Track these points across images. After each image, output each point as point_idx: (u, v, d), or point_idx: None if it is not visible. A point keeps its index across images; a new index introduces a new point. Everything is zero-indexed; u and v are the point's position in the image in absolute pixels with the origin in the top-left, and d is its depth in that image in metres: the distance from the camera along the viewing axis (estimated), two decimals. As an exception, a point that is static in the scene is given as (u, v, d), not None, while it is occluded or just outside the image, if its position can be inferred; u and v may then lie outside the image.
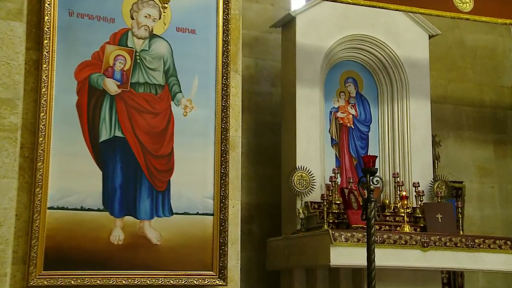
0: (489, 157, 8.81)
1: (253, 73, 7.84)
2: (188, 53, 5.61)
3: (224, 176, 5.52)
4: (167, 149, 5.43)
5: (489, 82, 9.02)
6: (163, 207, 5.33)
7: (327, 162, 7.09)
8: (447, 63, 8.82)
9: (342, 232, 5.85)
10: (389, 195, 7.09)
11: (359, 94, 7.48)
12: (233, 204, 5.53)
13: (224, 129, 5.58)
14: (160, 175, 5.37)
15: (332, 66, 7.35)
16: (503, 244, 6.35)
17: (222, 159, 5.53)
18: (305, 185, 6.61)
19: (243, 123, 6.02)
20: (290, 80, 7.03)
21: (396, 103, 7.39)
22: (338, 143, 7.28)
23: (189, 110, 5.53)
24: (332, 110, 7.33)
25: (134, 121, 5.36)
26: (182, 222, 5.34)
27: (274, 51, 7.85)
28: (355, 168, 7.25)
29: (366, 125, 7.43)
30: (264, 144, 7.75)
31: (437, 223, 6.65)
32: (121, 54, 5.41)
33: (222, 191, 5.49)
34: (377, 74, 7.51)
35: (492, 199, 8.76)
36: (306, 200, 6.62)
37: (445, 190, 7.16)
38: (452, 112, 8.77)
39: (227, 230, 5.42)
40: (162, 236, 5.27)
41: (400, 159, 7.28)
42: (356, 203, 6.43)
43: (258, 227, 7.49)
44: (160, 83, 5.50)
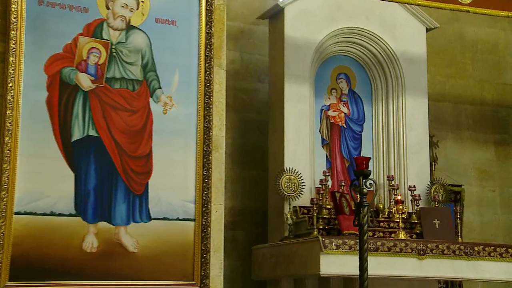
0: (490, 159, 8.86)
1: (238, 68, 7.83)
2: (168, 46, 5.61)
3: (207, 178, 5.51)
4: (145, 150, 5.42)
5: (491, 78, 9.08)
6: (140, 212, 5.32)
7: (317, 164, 7.09)
8: (446, 58, 8.87)
9: (333, 239, 5.86)
10: (383, 199, 7.11)
11: (352, 91, 7.49)
12: (216, 209, 5.53)
13: (207, 128, 5.58)
14: (138, 177, 5.36)
15: (323, 61, 7.36)
16: (504, 252, 6.39)
17: (205, 160, 5.53)
18: (294, 189, 6.62)
19: (227, 121, 6.01)
20: (278, 75, 7.03)
21: (391, 101, 7.41)
22: (329, 144, 7.29)
23: (169, 107, 5.52)
24: (322, 108, 7.34)
25: (110, 119, 5.34)
26: (161, 228, 5.33)
27: (261, 44, 7.84)
28: (347, 170, 7.27)
29: (359, 124, 7.45)
30: (249, 144, 7.74)
31: (434, 230, 6.68)
32: (96, 46, 5.40)
33: (204, 194, 5.48)
34: (371, 70, 7.52)
35: (492, 204, 8.81)
36: (295, 205, 6.62)
37: (443, 194, 7.19)
38: (451, 111, 8.81)
39: (209, 236, 5.42)
40: (139, 243, 5.26)
41: (395, 161, 7.30)
42: (348, 208, 6.44)
43: (243, 233, 7.48)
44: (137, 79, 5.48)
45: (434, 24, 7.60)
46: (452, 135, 8.73)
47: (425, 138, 7.43)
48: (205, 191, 5.49)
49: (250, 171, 7.67)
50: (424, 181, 7.23)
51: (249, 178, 7.63)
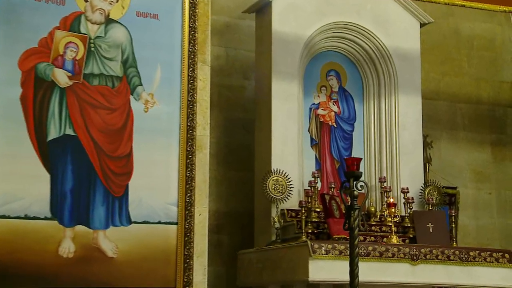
0: (486, 160, 8.91)
1: (224, 64, 7.83)
2: (149, 41, 5.60)
3: (190, 180, 5.51)
4: (125, 150, 5.41)
5: (487, 76, 9.13)
6: (120, 215, 5.31)
7: (306, 165, 7.10)
8: (441, 55, 8.91)
9: (322, 244, 5.87)
10: (375, 202, 7.13)
11: (342, 88, 7.51)
12: (199, 212, 5.53)
13: (190, 127, 5.58)
14: (117, 178, 5.35)
15: (312, 57, 7.37)
16: (501, 257, 6.42)
17: (188, 161, 5.53)
18: (281, 191, 6.62)
19: (211, 120, 6.01)
20: (265, 72, 7.04)
21: (384, 99, 7.43)
22: (318, 144, 7.30)
23: (150, 105, 5.52)
24: (312, 106, 7.35)
25: (88, 118, 5.33)
26: (142, 232, 5.32)
27: (247, 39, 7.84)
28: (337, 171, 7.28)
29: (350, 124, 7.47)
30: (235, 144, 7.74)
31: (428, 234, 6.71)
32: (73, 41, 5.38)
33: (187, 197, 5.48)
34: (363, 67, 7.55)
35: (489, 207, 8.85)
36: (282, 208, 6.62)
37: (437, 196, 7.22)
38: (445, 110, 8.86)
39: (192, 241, 5.41)
40: (119, 248, 5.25)
41: (388, 162, 7.33)
42: (338, 211, 6.45)
43: (228, 238, 7.48)
44: (117, 75, 5.47)
45: (428, 19, 7.63)
46: (447, 135, 8.77)
47: (418, 138, 7.45)
48: (188, 193, 5.48)
49: (236, 172, 7.67)
50: (418, 183, 7.25)
51: (234, 180, 7.63)
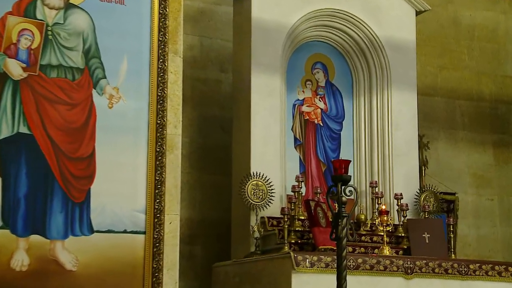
0: (488, 162, 8.97)
1: (197, 55, 7.82)
2: (114, 28, 5.58)
3: (160, 184, 5.50)
4: (87, 150, 5.39)
5: (489, 70, 9.19)
6: (80, 224, 5.28)
7: (289, 168, 7.11)
8: (438, 47, 8.96)
9: (306, 255, 5.88)
10: (366, 209, 7.16)
11: (330, 83, 7.53)
12: (170, 220, 5.51)
13: (160, 125, 5.56)
14: (78, 182, 5.32)
15: (296, 48, 7.38)
16: (504, 270, 6.47)
17: (157, 163, 5.51)
18: (262, 197, 6.62)
19: (184, 118, 6.00)
20: (244, 65, 7.03)
21: (375, 95, 7.46)
22: (303, 144, 7.31)
23: (115, 100, 5.50)
24: (295, 103, 7.36)
25: (45, 114, 5.30)
26: (105, 243, 5.30)
27: (223, 27, 7.84)
28: (324, 175, 7.30)
29: (338, 122, 7.49)
30: (210, 145, 7.73)
31: (423, 245, 6.74)
32: (28, 28, 5.34)
33: (156, 203, 5.46)
34: (352, 59, 7.57)
35: (491, 215, 8.91)
36: (263, 215, 6.62)
37: (434, 203, 7.26)
38: (443, 107, 8.91)
39: (162, 252, 5.40)
40: (79, 260, 5.22)
41: (379, 165, 7.35)
42: (325, 219, 6.47)
43: (202, 249, 7.47)
44: (78, 66, 5.45)
45: (425, 6, 7.68)
46: (445, 135, 8.82)
47: (413, 138, 7.49)
48: (157, 199, 5.47)
49: (211, 176, 7.66)
50: (413, 188, 7.29)
51: (209, 184, 7.62)
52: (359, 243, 6.71)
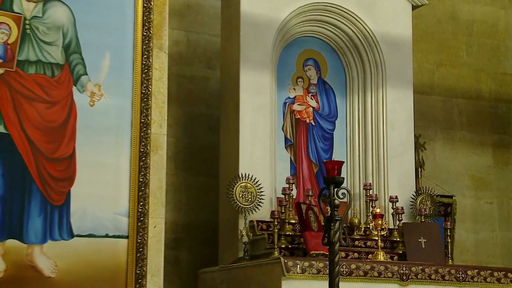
0: (487, 164, 9.00)
1: (184, 51, 7.81)
2: (96, 23, 5.56)
3: (144, 186, 5.49)
4: (67, 151, 5.37)
5: (488, 67, 9.22)
6: (60, 228, 5.27)
7: (280, 169, 7.11)
8: (435, 43, 8.98)
9: (297, 261, 5.88)
10: (359, 212, 7.17)
11: (322, 81, 7.54)
12: (154, 224, 5.51)
13: (144, 125, 5.55)
14: (57, 184, 5.30)
15: (287, 44, 7.39)
16: (503, 277, 6.49)
17: (141, 164, 5.51)
18: (250, 199, 6.62)
19: (169, 116, 6.00)
20: (232, 61, 7.03)
21: (370, 93, 7.47)
22: (293, 145, 7.32)
23: (97, 98, 5.48)
24: (286, 101, 7.37)
25: (22, 112, 5.28)
26: (86, 248, 5.29)
27: (211, 22, 7.83)
28: (316, 177, 7.31)
29: (331, 122, 7.50)
30: (197, 145, 7.72)
31: (419, 250, 6.75)
32: (4, 22, 5.33)
33: (140, 206, 5.46)
34: (346, 55, 7.58)
35: (490, 219, 8.94)
36: (252, 219, 6.62)
37: (430, 206, 7.28)
38: (441, 106, 8.93)
39: (146, 257, 5.39)
40: (58, 266, 5.21)
41: (374, 166, 7.36)
42: (316, 223, 6.47)
43: (188, 254, 7.46)
44: (58, 62, 5.43)
45: (422, 0, 7.69)
46: (442, 136, 8.84)
47: (409, 138, 7.50)
48: (141, 201, 5.46)
49: (197, 177, 7.65)
50: (408, 191, 7.30)
51: (195, 186, 7.62)
52: (353, 248, 6.72)
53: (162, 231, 5.57)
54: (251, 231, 6.59)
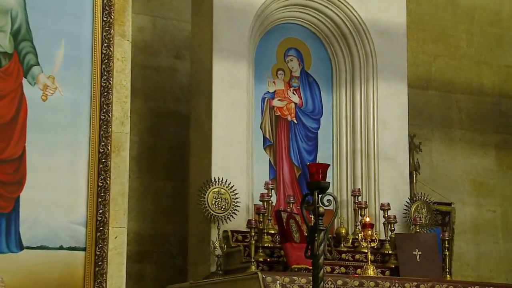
0: (489, 167, 9.05)
1: (149, 39, 7.80)
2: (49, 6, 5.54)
3: (103, 191, 5.48)
4: (16, 151, 5.35)
5: (491, 59, 9.26)
6: (7, 238, 5.25)
7: (257, 173, 7.11)
8: (433, 31, 9.02)
9: (277, 276, 5.88)
10: (347, 222, 7.19)
11: (306, 73, 7.55)
12: (115, 234, 5.50)
13: (104, 122, 5.54)
14: (4, 189, 5.28)
15: (267, 32, 7.39)
16: (507, 293, 6.55)
17: (101, 166, 5.50)
18: (224, 207, 6.63)
19: (132, 113, 5.98)
20: (204, 51, 7.03)
21: (359, 88, 7.50)
22: (273, 145, 7.32)
23: (50, 92, 5.47)
24: (265, 96, 7.37)
25: (-35, 107, 5.28)
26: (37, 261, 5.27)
27: (180, 6, 7.82)
28: (298, 181, 7.32)
29: (315, 119, 7.51)
30: (164, 145, 7.71)
31: (414, 264, 6.78)
32: None
33: (99, 214, 5.45)
34: (332, 45, 7.60)
35: (492, 229, 8.99)
36: (226, 229, 6.63)
37: (426, 215, 7.31)
38: (438, 103, 8.97)
39: (106, 272, 5.38)
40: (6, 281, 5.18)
41: (364, 170, 7.39)
42: (299, 234, 6.48)
43: (153, 268, 7.45)
44: (6, 51, 5.41)
45: (417, -16, 7.75)
46: (440, 135, 8.88)
47: (403, 138, 7.53)
48: (100, 209, 5.45)
49: (164, 181, 7.64)
50: (402, 198, 7.33)
51: (162, 192, 7.60)
52: (339, 261, 6.74)
53: (124, 243, 5.56)
54: (225, 242, 6.59)
